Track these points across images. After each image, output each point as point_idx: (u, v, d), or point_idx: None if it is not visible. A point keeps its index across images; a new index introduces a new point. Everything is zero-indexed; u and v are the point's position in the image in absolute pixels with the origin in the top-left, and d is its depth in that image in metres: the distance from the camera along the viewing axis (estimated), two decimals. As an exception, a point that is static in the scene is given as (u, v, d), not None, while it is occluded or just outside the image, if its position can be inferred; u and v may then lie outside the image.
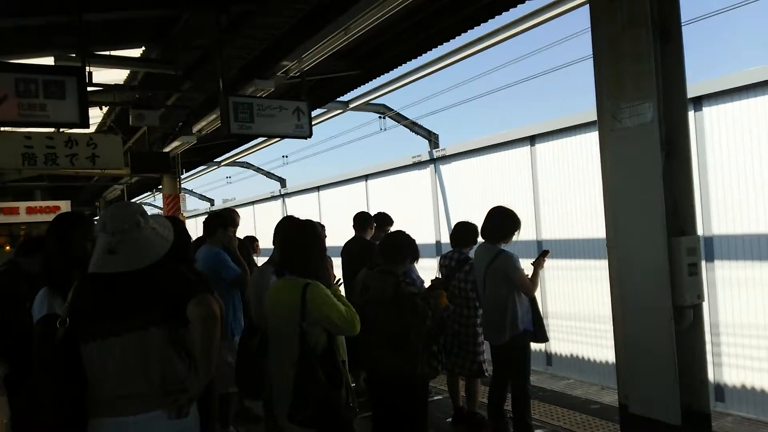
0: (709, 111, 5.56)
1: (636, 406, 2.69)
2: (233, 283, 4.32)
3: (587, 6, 2.93)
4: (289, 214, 3.42)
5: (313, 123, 6.32)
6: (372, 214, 5.90)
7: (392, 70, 6.87)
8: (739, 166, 5.36)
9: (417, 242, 3.71)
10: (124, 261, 2.08)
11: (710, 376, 5.54)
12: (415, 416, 3.55)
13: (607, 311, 2.87)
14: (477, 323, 4.50)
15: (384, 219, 5.84)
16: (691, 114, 5.53)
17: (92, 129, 8.54)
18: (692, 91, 5.43)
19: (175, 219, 2.89)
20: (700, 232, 5.41)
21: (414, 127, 9.86)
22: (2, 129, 7.17)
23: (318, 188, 12.76)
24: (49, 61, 5.57)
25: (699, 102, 5.58)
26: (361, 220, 5.70)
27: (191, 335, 2.11)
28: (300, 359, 2.54)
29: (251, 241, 6.40)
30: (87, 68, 5.09)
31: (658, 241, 2.51)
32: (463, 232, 4.66)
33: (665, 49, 2.59)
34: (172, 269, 2.19)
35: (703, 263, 5.47)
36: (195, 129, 8.24)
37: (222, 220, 4.57)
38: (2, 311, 3.65)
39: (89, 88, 5.17)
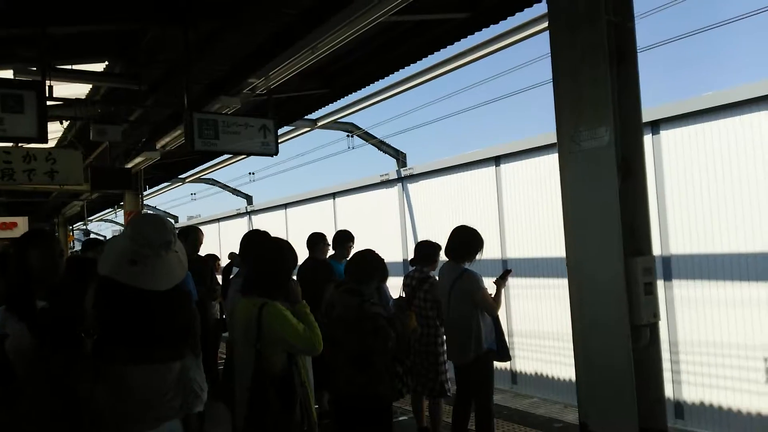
0: (666, 134, 5.74)
1: (596, 425, 2.71)
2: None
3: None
4: (255, 228, 3.33)
5: (280, 140, 6.29)
6: (329, 233, 5.86)
7: (360, 89, 6.92)
8: (695, 187, 5.54)
9: (385, 261, 3.72)
10: (145, 277, 1.97)
11: (670, 394, 5.65)
12: (378, 437, 3.52)
13: (570, 330, 2.90)
14: (438, 342, 4.51)
15: (345, 236, 5.80)
16: (649, 137, 5.70)
17: (52, 144, 8.35)
18: (650, 115, 5.60)
19: None
20: (658, 252, 5.58)
21: (382, 146, 9.92)
22: (-44, 143, 6.94)
23: (285, 206, 12.68)
24: (8, 74, 5.44)
25: (657, 125, 5.76)
26: (313, 240, 5.65)
27: None
28: (253, 381, 2.51)
29: (213, 259, 6.32)
30: (47, 82, 4.98)
31: (615, 261, 2.56)
32: (423, 251, 4.72)
33: (621, 75, 2.67)
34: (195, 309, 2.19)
35: (662, 282, 5.64)
36: (159, 145, 8.11)
37: (185, 238, 4.50)
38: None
39: (49, 102, 5.06)
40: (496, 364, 4.27)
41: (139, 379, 1.94)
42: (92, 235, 21.64)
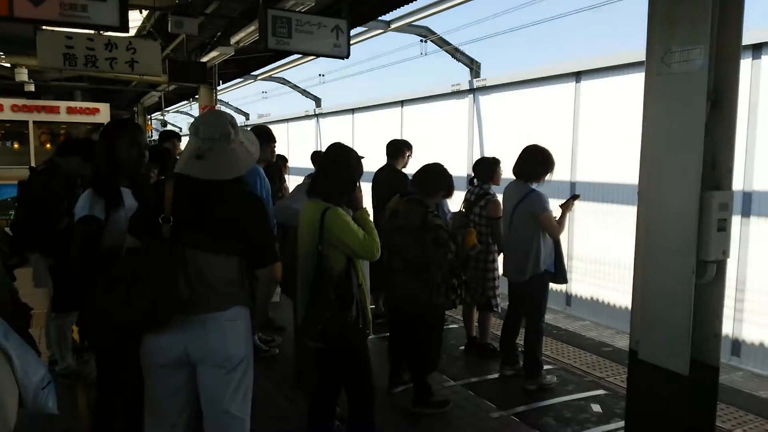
0: (769, 59, 5.25)
1: (646, 353, 2.71)
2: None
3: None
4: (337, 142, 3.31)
5: (351, 42, 6.17)
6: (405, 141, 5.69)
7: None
8: (792, 121, 5.11)
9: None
10: (210, 169, 2.10)
11: (729, 331, 5.55)
12: (430, 342, 3.67)
13: (631, 258, 2.84)
14: (489, 259, 4.53)
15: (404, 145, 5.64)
16: (748, 61, 5.23)
17: (132, 33, 8.53)
18: (752, 37, 5.11)
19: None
20: (740, 186, 5.27)
21: (456, 53, 9.54)
22: (44, 27, 7.20)
23: (353, 111, 12.64)
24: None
25: (759, 49, 5.26)
26: (395, 148, 5.38)
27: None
28: (314, 279, 2.64)
29: (282, 160, 6.45)
30: (128, -30, 5.01)
31: (691, 194, 2.44)
32: (479, 167, 4.68)
33: (724, -9, 2.42)
34: (263, 211, 2.21)
35: (739, 218, 5.37)
36: (233, 40, 8.15)
37: (265, 136, 4.52)
38: (41, 209, 3.79)
39: (130, -9, 5.12)
40: (552, 285, 4.27)
41: (208, 264, 2.08)
42: (169, 126, 22.45)
